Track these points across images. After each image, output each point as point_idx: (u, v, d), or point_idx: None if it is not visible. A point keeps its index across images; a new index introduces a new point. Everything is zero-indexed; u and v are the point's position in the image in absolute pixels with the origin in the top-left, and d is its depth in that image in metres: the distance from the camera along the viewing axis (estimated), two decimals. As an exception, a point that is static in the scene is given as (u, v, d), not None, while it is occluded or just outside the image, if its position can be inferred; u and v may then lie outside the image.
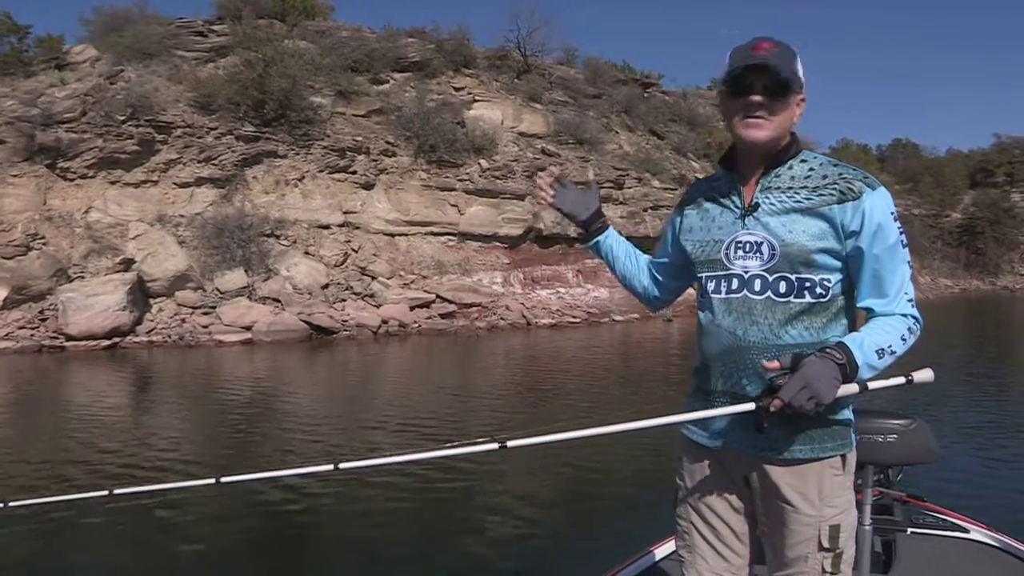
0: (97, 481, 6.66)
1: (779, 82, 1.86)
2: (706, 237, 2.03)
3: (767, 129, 1.89)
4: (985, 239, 46.02)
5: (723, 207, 2.01)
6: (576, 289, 25.33)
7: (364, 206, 23.31)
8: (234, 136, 22.01)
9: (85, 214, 20.08)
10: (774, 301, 1.90)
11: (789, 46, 1.91)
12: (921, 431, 2.86)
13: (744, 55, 1.88)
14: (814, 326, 1.91)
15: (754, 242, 1.92)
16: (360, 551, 5.17)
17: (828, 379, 1.76)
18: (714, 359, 1.99)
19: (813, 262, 1.88)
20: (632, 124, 32.08)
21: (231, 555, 5.14)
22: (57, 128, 19.91)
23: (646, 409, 2.00)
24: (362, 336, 19.22)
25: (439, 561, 4.98)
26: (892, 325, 1.87)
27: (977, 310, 32.10)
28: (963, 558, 3.17)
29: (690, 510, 2.12)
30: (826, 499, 1.94)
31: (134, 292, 17.81)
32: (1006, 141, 50.68)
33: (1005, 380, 13.36)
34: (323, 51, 25.76)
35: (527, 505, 6.06)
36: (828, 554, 1.94)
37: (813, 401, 1.75)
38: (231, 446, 8.42)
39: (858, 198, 1.86)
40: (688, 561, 2.13)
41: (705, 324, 2.03)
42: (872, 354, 1.82)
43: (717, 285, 1.98)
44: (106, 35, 24.06)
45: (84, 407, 10.78)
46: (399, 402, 11.28)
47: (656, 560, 3.09)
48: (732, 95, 1.92)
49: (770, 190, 1.94)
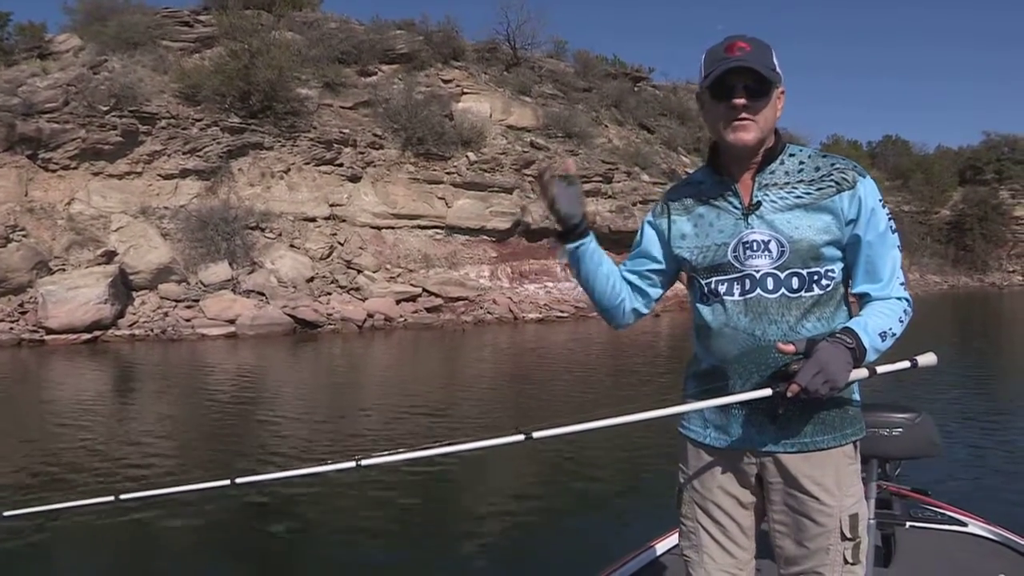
0: (83, 482, 6.48)
1: (760, 81, 1.86)
2: (705, 242, 1.99)
3: (754, 130, 1.89)
4: (974, 236, 46.14)
5: (719, 209, 1.98)
6: (564, 284, 25.16)
7: (350, 199, 23.10)
8: (219, 128, 21.77)
9: (68, 206, 19.82)
10: (788, 297, 1.92)
11: (762, 41, 1.91)
12: (925, 424, 2.87)
13: (720, 58, 1.87)
14: (824, 316, 1.94)
15: (761, 241, 1.92)
16: (358, 545, 5.10)
17: (842, 363, 1.80)
18: (731, 361, 1.97)
19: (821, 255, 1.91)
20: (622, 118, 31.93)
21: (221, 556, 5.03)
22: (39, 118, 19.63)
23: (648, 405, 1.92)
24: (347, 330, 19.05)
25: (435, 559, 4.91)
26: (890, 308, 1.93)
27: (966, 307, 32.14)
28: (962, 552, 3.20)
29: (696, 509, 2.10)
30: (844, 488, 1.96)
31: (116, 285, 17.58)
32: (995, 139, 50.75)
33: (996, 374, 13.33)
34: (310, 42, 25.53)
35: (521, 500, 5.99)
36: (849, 543, 1.95)
37: (828, 385, 1.79)
38: (221, 443, 8.20)
39: (853, 187, 1.90)
40: (695, 561, 2.10)
41: (717, 327, 1.98)
42: (876, 337, 1.87)
43: (729, 287, 1.96)
44: (90, 24, 23.77)
45: (65, 403, 10.57)
46: (388, 397, 11.14)
47: (657, 555, 3.11)
48: (714, 99, 1.91)
49: (768, 187, 1.94)
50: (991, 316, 28.43)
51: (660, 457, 6.13)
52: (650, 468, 6.49)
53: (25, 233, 18.71)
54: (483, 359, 15.83)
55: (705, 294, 2.01)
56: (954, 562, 3.12)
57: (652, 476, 6.24)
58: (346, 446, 7.70)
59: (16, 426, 9.07)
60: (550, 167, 2.08)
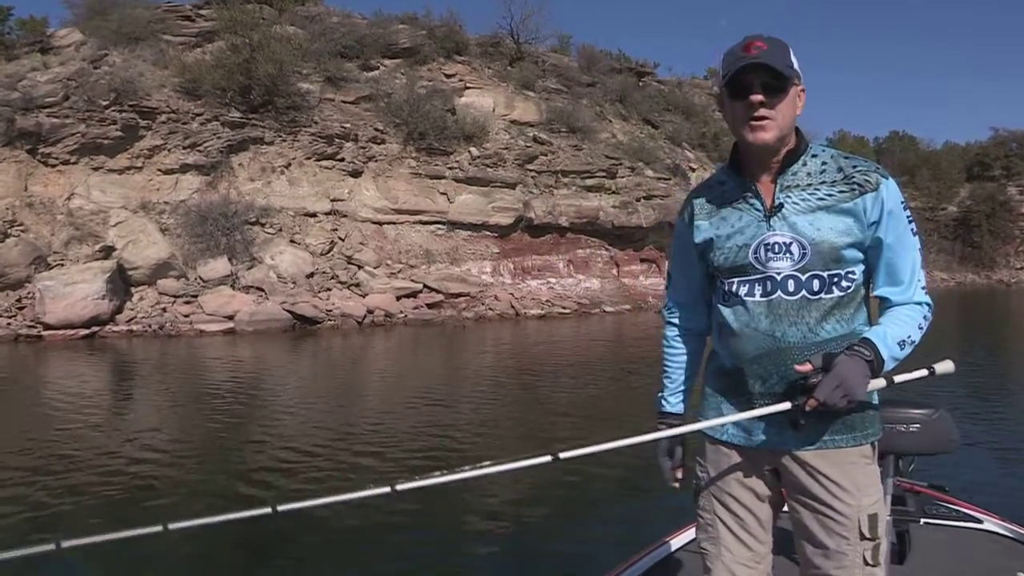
0: (83, 482, 6.33)
1: (777, 78, 1.86)
2: (727, 244, 1.99)
3: (773, 129, 1.88)
4: (981, 232, 45.89)
5: (741, 211, 1.98)
6: (567, 279, 25.05)
7: (352, 194, 22.97)
8: (220, 122, 21.66)
9: (67, 200, 19.74)
10: (808, 300, 1.92)
11: (780, 40, 1.91)
12: (943, 420, 2.86)
13: (738, 57, 1.88)
14: (844, 317, 1.94)
15: (783, 243, 1.91)
16: (374, 549, 4.99)
17: (859, 377, 1.82)
18: (750, 362, 1.98)
19: (842, 257, 1.91)
20: (626, 113, 31.71)
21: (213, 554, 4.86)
22: (38, 113, 19.56)
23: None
24: (346, 326, 18.94)
25: (439, 559, 4.82)
26: (909, 315, 1.93)
27: (974, 304, 31.90)
28: (977, 549, 3.16)
29: (714, 501, 2.11)
30: (863, 488, 1.96)
31: (114, 280, 17.49)
32: (1003, 135, 50.49)
33: (1008, 370, 13.26)
34: (312, 36, 25.40)
35: (531, 498, 5.90)
36: (869, 543, 1.94)
37: (846, 399, 1.81)
38: (225, 447, 7.90)
39: (876, 189, 1.89)
40: (712, 553, 2.10)
41: (738, 328, 1.99)
42: (895, 346, 1.88)
43: (751, 289, 1.96)
44: (91, 18, 23.68)
45: (63, 400, 10.43)
46: (389, 396, 11.01)
47: (672, 550, 3.10)
48: (732, 98, 1.91)
49: (790, 189, 1.93)
50: (999, 313, 28.21)
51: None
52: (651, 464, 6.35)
53: (24, 228, 18.65)
54: (484, 352, 15.69)
55: (726, 295, 2.02)
56: (969, 559, 3.07)
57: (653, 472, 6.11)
58: (348, 443, 7.61)
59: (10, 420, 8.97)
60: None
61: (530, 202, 24.65)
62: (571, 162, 26.22)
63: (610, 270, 26.14)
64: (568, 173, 25.95)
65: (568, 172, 25.96)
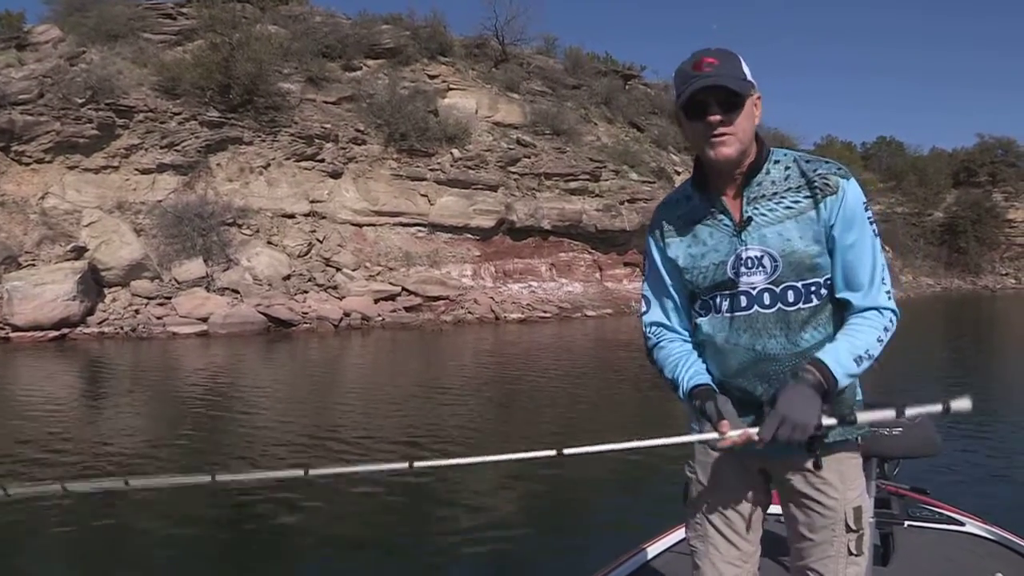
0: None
1: (732, 94, 1.84)
2: (703, 262, 1.98)
3: (734, 144, 1.87)
4: (967, 238, 45.85)
5: (711, 228, 1.97)
6: (549, 283, 24.88)
7: (331, 195, 22.74)
8: (198, 121, 21.39)
9: (41, 200, 19.46)
10: (785, 312, 1.92)
11: (730, 52, 1.89)
12: (925, 424, 2.85)
13: (689, 77, 1.85)
14: (822, 323, 1.94)
15: (755, 257, 1.91)
16: (362, 549, 5.04)
17: (804, 407, 1.78)
18: (733, 376, 1.99)
19: (816, 266, 1.90)
20: (611, 116, 31.58)
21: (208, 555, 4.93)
22: (11, 110, 19.25)
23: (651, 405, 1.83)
24: (323, 329, 18.72)
25: (428, 558, 4.87)
26: (869, 325, 1.89)
27: (959, 309, 31.94)
28: (959, 551, 3.22)
29: (703, 500, 2.13)
30: (847, 482, 2.00)
31: (85, 281, 17.22)
32: (989, 141, 50.50)
33: (991, 376, 13.25)
34: (294, 36, 25.17)
35: (520, 498, 5.90)
36: (853, 535, 2.00)
37: (798, 432, 1.77)
38: (194, 445, 7.89)
39: (835, 192, 1.88)
40: (701, 551, 2.12)
41: (719, 343, 2.00)
42: (850, 363, 1.85)
43: (731, 304, 1.97)
44: (70, 15, 23.39)
45: (31, 403, 10.22)
46: (362, 402, 10.82)
47: (662, 550, 3.13)
48: (690, 119, 1.89)
49: (757, 200, 1.92)
50: (984, 319, 28.25)
51: (662, 455, 5.94)
52: (653, 465, 6.27)
53: (-5, 227, 18.34)
54: (463, 356, 15.50)
55: (705, 310, 2.03)
56: (952, 561, 3.13)
57: (654, 473, 6.10)
58: (320, 441, 7.55)
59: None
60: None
61: (512, 204, 24.47)
62: (554, 165, 26.04)
63: (593, 274, 25.99)
64: (551, 176, 25.76)
65: (551, 175, 25.77)
